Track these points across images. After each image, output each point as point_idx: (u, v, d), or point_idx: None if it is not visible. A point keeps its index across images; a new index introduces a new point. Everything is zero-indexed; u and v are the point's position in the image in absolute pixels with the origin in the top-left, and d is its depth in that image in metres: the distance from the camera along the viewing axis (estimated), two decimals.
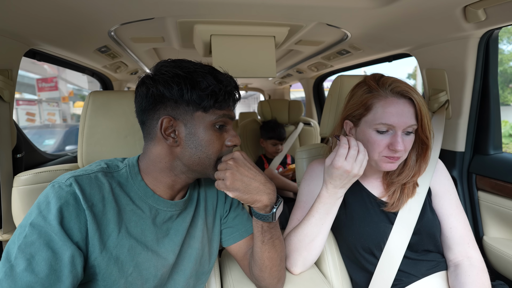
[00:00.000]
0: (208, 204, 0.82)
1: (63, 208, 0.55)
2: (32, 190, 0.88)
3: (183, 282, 0.73)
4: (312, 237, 0.83)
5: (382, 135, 0.80)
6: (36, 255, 0.51)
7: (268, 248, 0.74)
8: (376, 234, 0.86)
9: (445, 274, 0.86)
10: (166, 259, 0.69)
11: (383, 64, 1.86)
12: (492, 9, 0.90)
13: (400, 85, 0.79)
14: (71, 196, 0.56)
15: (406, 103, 0.79)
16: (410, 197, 0.87)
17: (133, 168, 0.68)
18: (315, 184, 0.95)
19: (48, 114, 7.64)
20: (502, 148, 1.27)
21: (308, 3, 0.97)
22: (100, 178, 0.62)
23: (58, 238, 0.53)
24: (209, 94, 0.63)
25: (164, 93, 0.63)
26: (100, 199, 0.60)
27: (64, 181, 0.58)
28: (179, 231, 0.72)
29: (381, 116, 0.79)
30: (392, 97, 0.79)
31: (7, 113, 1.06)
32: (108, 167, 0.67)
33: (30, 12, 0.90)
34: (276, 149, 2.20)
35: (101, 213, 0.59)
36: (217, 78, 0.65)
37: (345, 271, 0.95)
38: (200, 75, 0.63)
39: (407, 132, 0.80)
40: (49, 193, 0.56)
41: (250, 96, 16.02)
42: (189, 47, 1.54)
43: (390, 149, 0.79)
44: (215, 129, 0.67)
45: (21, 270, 0.49)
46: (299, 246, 0.84)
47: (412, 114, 0.79)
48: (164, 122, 0.63)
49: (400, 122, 0.77)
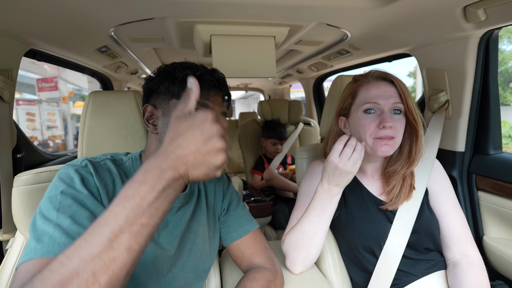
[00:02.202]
0: (209, 200, 0.83)
1: (85, 181, 0.59)
2: (32, 190, 0.88)
3: (182, 276, 0.73)
4: (309, 235, 0.83)
5: (370, 115, 0.84)
6: (77, 214, 0.54)
7: None
8: (376, 233, 0.86)
9: (445, 273, 0.86)
10: (166, 250, 0.69)
11: (383, 64, 1.86)
12: (492, 9, 0.90)
13: (381, 71, 0.87)
14: (89, 174, 0.61)
15: (388, 85, 0.85)
16: (406, 200, 0.87)
17: (136, 161, 0.73)
18: (315, 184, 0.95)
19: (48, 114, 7.64)
20: (502, 148, 1.27)
21: (308, 3, 0.97)
22: (108, 164, 0.67)
23: (91, 202, 0.57)
24: (180, 81, 0.67)
25: (150, 86, 0.71)
26: (111, 180, 0.64)
27: (79, 163, 0.63)
28: (178, 224, 0.73)
29: (366, 97, 0.85)
30: (373, 81, 0.86)
31: (7, 113, 1.06)
32: (114, 160, 0.71)
33: (30, 12, 0.90)
34: (275, 149, 2.20)
35: (112, 193, 0.63)
36: (193, 68, 0.68)
37: (345, 271, 0.95)
38: (181, 68, 0.68)
39: (395, 111, 0.83)
40: (69, 171, 0.60)
41: (250, 96, 16.02)
42: (189, 47, 1.54)
43: (380, 128, 0.81)
44: None
45: (67, 225, 0.52)
46: (297, 245, 0.84)
47: (395, 93, 0.84)
48: (146, 111, 0.70)
49: (384, 99, 0.82)
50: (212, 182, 0.85)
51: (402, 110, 0.84)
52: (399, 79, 0.85)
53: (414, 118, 0.83)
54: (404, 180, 0.88)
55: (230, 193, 0.87)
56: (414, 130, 0.86)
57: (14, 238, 0.95)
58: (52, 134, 7.79)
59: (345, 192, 0.93)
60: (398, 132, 0.82)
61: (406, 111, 0.83)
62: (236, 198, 0.88)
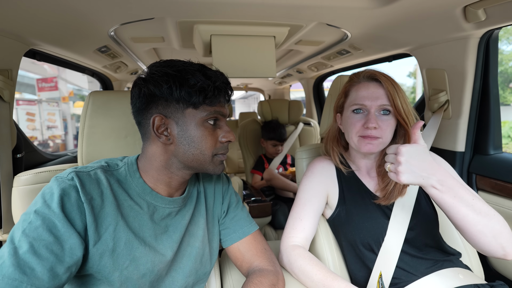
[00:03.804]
0: (208, 203, 0.82)
1: (65, 198, 0.58)
2: (32, 190, 0.88)
3: (182, 280, 0.73)
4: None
5: (358, 115, 0.87)
6: (38, 239, 0.53)
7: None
8: (375, 229, 0.86)
9: (445, 273, 0.86)
10: (164, 255, 0.69)
11: (383, 64, 1.86)
12: (492, 9, 0.90)
13: (372, 71, 0.88)
14: (73, 189, 0.59)
15: (377, 86, 0.86)
16: (400, 196, 0.87)
17: (132, 166, 0.70)
18: (316, 181, 0.95)
19: (48, 114, 7.63)
20: (502, 148, 1.27)
21: (308, 3, 0.97)
22: (98, 175, 0.65)
23: (61, 225, 0.55)
24: (198, 91, 0.64)
25: (154, 92, 0.64)
26: (99, 194, 0.62)
27: (66, 175, 0.61)
28: (177, 228, 0.72)
29: (355, 98, 0.88)
30: (364, 81, 0.88)
31: (7, 113, 1.06)
32: (108, 166, 0.69)
33: (30, 12, 0.90)
34: (276, 150, 2.20)
35: (99, 207, 0.61)
36: (206, 74, 0.66)
37: (345, 268, 0.96)
38: (189, 72, 0.65)
39: (383, 112, 0.85)
40: (53, 185, 0.59)
41: (250, 96, 16.02)
42: (189, 47, 1.54)
43: (364, 127, 0.84)
44: (207, 125, 0.67)
45: (23, 252, 0.51)
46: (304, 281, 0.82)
47: (384, 95, 0.84)
48: (156, 121, 0.65)
49: (371, 101, 0.84)
50: (212, 184, 0.84)
51: (391, 111, 0.85)
52: (389, 80, 0.85)
53: (403, 118, 0.84)
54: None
55: (230, 194, 0.87)
56: (405, 130, 0.87)
57: None
58: (52, 134, 7.79)
59: (344, 189, 0.94)
60: (384, 133, 0.84)
61: (395, 112, 0.84)
62: (235, 200, 0.87)
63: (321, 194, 0.94)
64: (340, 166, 0.95)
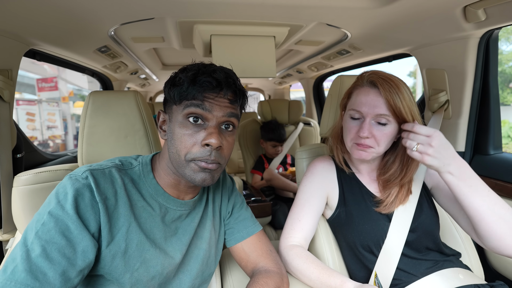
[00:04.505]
0: (215, 205, 0.82)
1: (79, 199, 0.57)
2: (32, 190, 0.88)
3: (189, 282, 0.73)
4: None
5: (355, 121, 0.84)
6: (51, 242, 0.53)
7: None
8: (375, 232, 0.86)
9: (445, 273, 0.86)
10: (173, 258, 0.69)
11: (383, 64, 1.86)
12: (492, 9, 0.90)
13: (375, 76, 0.82)
14: (87, 188, 0.58)
15: (377, 93, 0.81)
16: (402, 204, 0.86)
17: (146, 166, 0.70)
18: (316, 182, 0.95)
19: (48, 114, 7.64)
20: (502, 148, 1.27)
21: (308, 3, 0.97)
22: (113, 173, 0.64)
23: (74, 227, 0.55)
24: (175, 84, 0.63)
25: (164, 93, 0.69)
26: (113, 193, 0.62)
27: (80, 174, 0.60)
28: (187, 231, 0.72)
29: (354, 102, 0.85)
30: (366, 86, 0.83)
31: (7, 113, 1.05)
32: (122, 164, 0.68)
33: (30, 12, 0.90)
34: (276, 151, 2.20)
35: (113, 206, 0.61)
36: (191, 69, 0.64)
37: (345, 270, 0.95)
38: (181, 71, 0.66)
39: (381, 123, 0.80)
40: (67, 185, 0.58)
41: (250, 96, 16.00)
42: (189, 47, 1.54)
43: (358, 135, 0.82)
44: (187, 123, 0.62)
45: (36, 255, 0.51)
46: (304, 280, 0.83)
47: (384, 104, 0.79)
48: (160, 116, 0.70)
49: (368, 109, 0.80)
50: (219, 186, 0.84)
51: (391, 121, 0.80)
52: (390, 85, 0.78)
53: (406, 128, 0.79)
54: (402, 187, 0.88)
55: (235, 195, 0.87)
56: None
57: (14, 238, 0.95)
58: (52, 134, 7.79)
59: (345, 190, 0.93)
60: (379, 143, 0.81)
61: (397, 120, 0.80)
62: (240, 200, 0.87)
63: (320, 195, 0.94)
64: (343, 165, 0.95)
